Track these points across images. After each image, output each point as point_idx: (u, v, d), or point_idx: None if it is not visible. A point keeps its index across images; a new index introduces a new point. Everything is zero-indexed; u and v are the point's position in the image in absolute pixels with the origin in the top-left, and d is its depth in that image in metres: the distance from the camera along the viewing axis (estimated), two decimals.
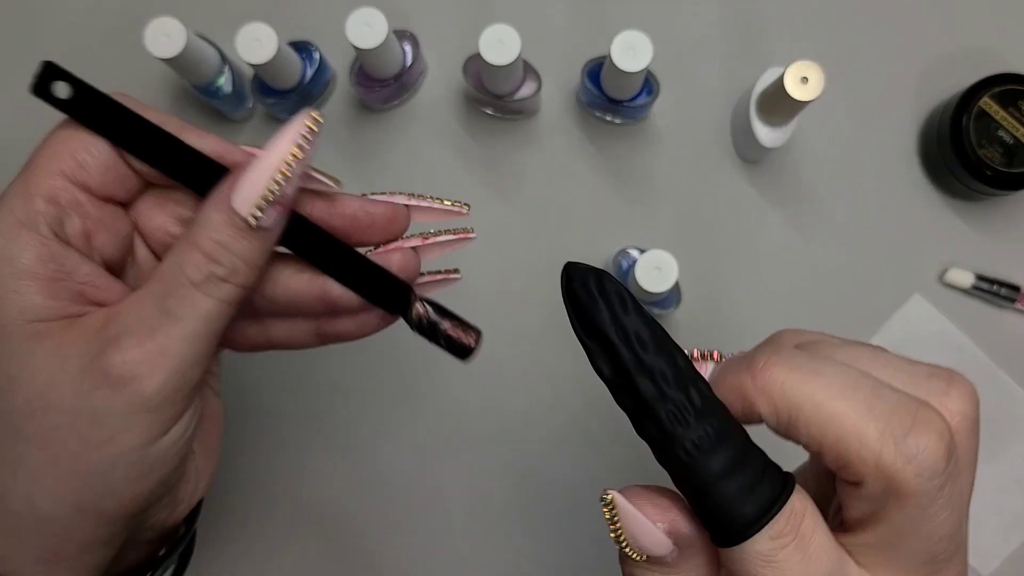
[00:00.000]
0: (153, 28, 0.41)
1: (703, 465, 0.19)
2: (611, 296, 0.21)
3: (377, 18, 0.42)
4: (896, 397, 0.20)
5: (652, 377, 0.20)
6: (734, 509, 0.19)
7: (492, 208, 0.50)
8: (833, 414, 0.20)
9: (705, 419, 0.20)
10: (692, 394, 0.20)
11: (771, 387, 0.21)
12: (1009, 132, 0.46)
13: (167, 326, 0.24)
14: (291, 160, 0.24)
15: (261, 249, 0.25)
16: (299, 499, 0.48)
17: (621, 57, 0.41)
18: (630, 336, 0.21)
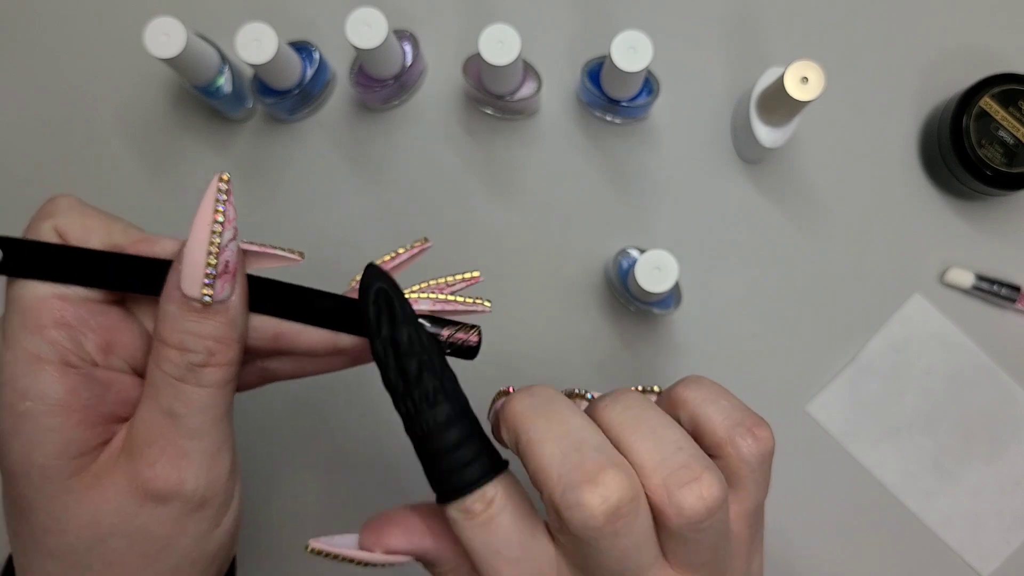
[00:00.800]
0: (153, 28, 0.41)
1: (431, 440, 0.24)
2: (385, 310, 0.25)
3: (377, 18, 0.42)
4: (592, 455, 0.23)
5: (406, 372, 0.24)
6: (439, 480, 0.24)
7: (492, 208, 0.50)
8: (534, 453, 0.24)
9: (424, 418, 0.24)
10: (421, 401, 0.24)
11: (508, 416, 0.25)
12: (1009, 132, 0.46)
13: (174, 428, 0.24)
14: (216, 227, 0.24)
15: (227, 323, 0.25)
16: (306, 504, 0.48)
17: (621, 57, 0.41)
18: (397, 344, 0.25)
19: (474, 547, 0.24)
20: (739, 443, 0.24)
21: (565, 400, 0.25)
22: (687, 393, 0.26)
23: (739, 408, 0.25)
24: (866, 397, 0.49)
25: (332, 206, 0.50)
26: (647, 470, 0.23)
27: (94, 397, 0.25)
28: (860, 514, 0.49)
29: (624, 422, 0.25)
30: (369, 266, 0.25)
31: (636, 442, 0.24)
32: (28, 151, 0.50)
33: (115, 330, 0.26)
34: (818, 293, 0.49)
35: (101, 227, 0.26)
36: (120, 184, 0.50)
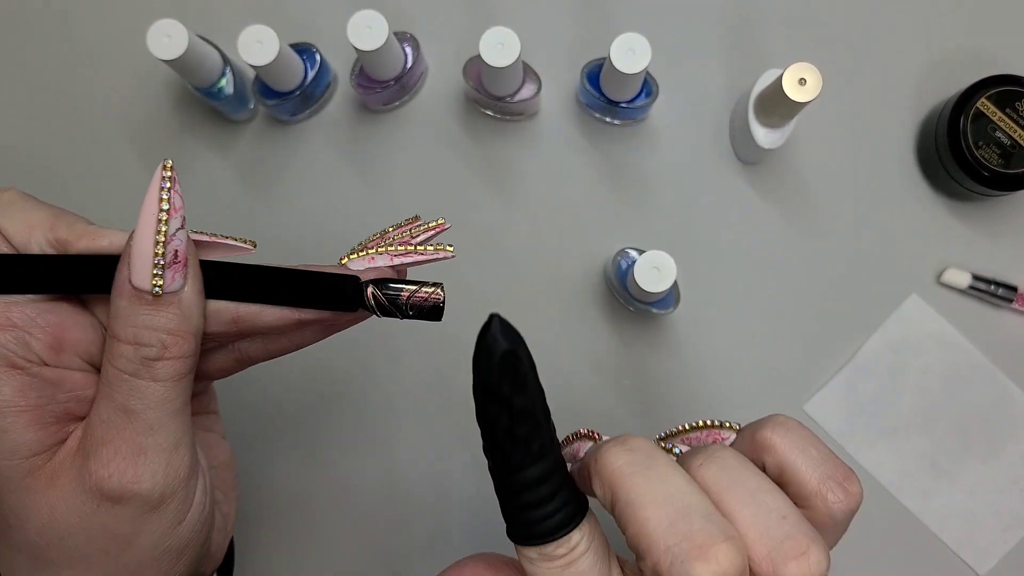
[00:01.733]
0: (155, 30, 0.41)
1: (512, 496, 0.24)
2: (511, 371, 0.24)
3: (378, 20, 0.42)
4: (701, 524, 0.22)
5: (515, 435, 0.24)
6: (522, 525, 0.24)
7: (492, 209, 0.50)
8: (637, 516, 0.22)
9: (529, 470, 0.24)
10: (528, 454, 0.24)
11: (603, 471, 0.24)
12: (1006, 133, 0.46)
13: (130, 425, 0.24)
14: (162, 215, 0.23)
15: (180, 314, 0.24)
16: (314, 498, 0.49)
17: (620, 59, 0.42)
18: (508, 401, 0.24)
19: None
20: (829, 498, 0.24)
21: (667, 458, 0.24)
22: (775, 438, 0.24)
23: (830, 459, 0.24)
24: (863, 397, 0.49)
25: (333, 207, 0.50)
26: (751, 540, 0.22)
27: (44, 397, 0.24)
28: (858, 513, 0.49)
29: (722, 484, 0.23)
30: (494, 319, 0.24)
31: (738, 508, 0.23)
32: (30, 152, 0.50)
33: (66, 327, 0.25)
34: (816, 293, 0.49)
35: (44, 222, 0.25)
36: (121, 185, 0.50)
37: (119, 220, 0.50)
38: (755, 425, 0.25)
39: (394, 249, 0.27)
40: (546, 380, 0.25)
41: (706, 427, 0.27)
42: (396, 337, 0.49)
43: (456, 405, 0.48)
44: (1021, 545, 0.48)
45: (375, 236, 0.28)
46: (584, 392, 0.49)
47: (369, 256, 0.27)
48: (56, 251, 0.25)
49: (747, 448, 0.25)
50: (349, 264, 0.27)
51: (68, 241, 0.25)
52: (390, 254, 0.27)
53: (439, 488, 0.48)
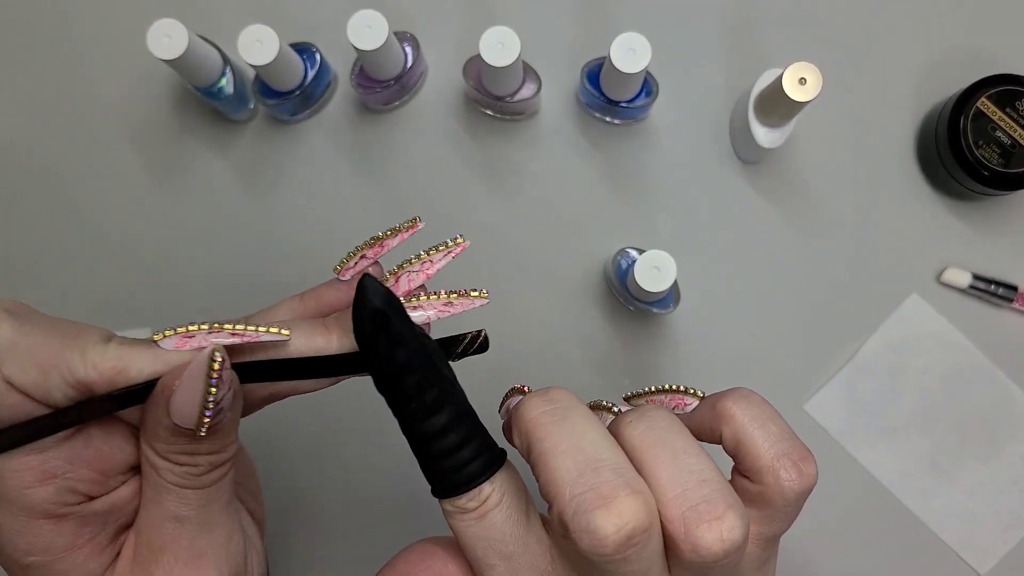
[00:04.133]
0: (155, 29, 0.41)
1: (430, 444, 0.24)
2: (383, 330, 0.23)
3: (378, 20, 0.42)
4: (609, 476, 0.22)
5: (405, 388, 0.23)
6: (436, 478, 0.24)
7: (492, 208, 0.50)
8: (547, 465, 0.23)
9: (423, 423, 0.23)
10: (420, 410, 0.24)
11: (521, 420, 0.24)
12: (1006, 132, 0.46)
13: (185, 530, 0.24)
14: (209, 397, 0.22)
15: (223, 436, 0.24)
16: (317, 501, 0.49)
17: (620, 58, 0.42)
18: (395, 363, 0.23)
19: (467, 542, 0.24)
20: (781, 475, 0.23)
21: (585, 410, 0.24)
22: (735, 408, 0.24)
23: (787, 436, 0.24)
24: (864, 396, 0.49)
25: (333, 207, 0.50)
26: (666, 498, 0.22)
27: (96, 528, 0.24)
28: (858, 513, 0.49)
29: (647, 442, 0.23)
30: (364, 280, 0.23)
31: (657, 466, 0.23)
32: (30, 151, 0.50)
33: (103, 455, 0.24)
34: (816, 293, 0.49)
35: (56, 359, 0.22)
36: (121, 184, 0.50)
37: (119, 220, 0.50)
38: (717, 395, 0.25)
39: (427, 302, 0.25)
40: (545, 379, 0.25)
41: (671, 391, 0.27)
42: None
43: None
44: (1021, 545, 0.48)
45: (370, 243, 0.26)
46: (584, 392, 0.48)
47: (413, 307, 0.25)
48: (80, 394, 0.23)
49: (706, 416, 0.25)
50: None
51: (89, 382, 0.22)
52: (424, 308, 0.25)
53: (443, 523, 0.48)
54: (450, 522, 0.24)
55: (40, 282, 0.50)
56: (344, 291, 0.27)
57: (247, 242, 0.50)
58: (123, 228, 0.50)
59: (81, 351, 0.22)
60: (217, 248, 0.50)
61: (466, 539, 0.24)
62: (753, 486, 0.24)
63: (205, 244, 0.50)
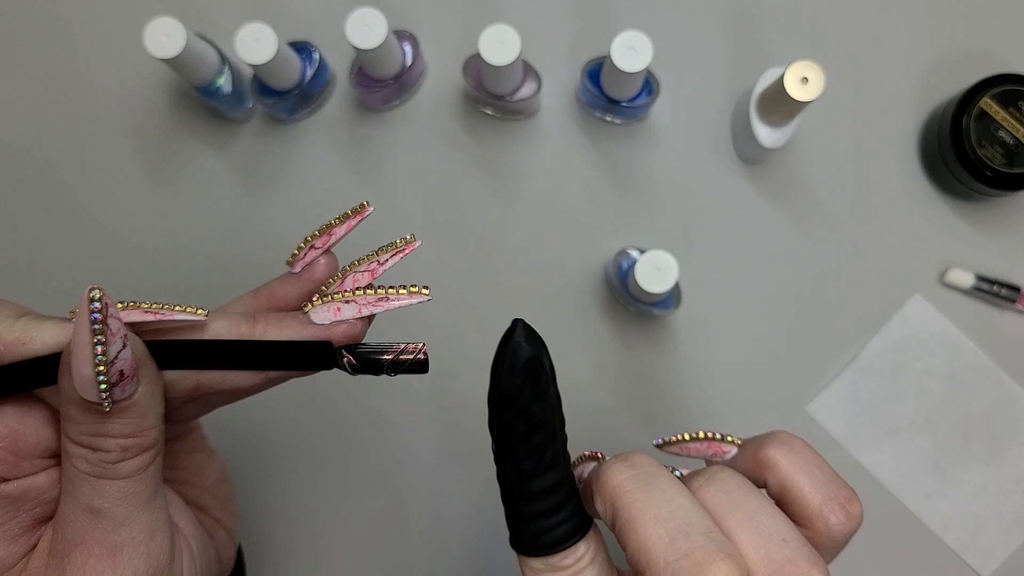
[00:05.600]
0: (152, 28, 0.41)
1: (521, 505, 0.24)
2: (533, 379, 0.24)
3: (377, 18, 0.42)
4: (701, 542, 0.21)
5: (530, 442, 0.23)
6: (529, 535, 0.24)
7: (492, 208, 0.50)
8: (637, 532, 0.22)
9: (541, 479, 0.24)
10: (540, 463, 0.24)
11: (604, 488, 0.24)
12: (1009, 132, 0.46)
13: (100, 524, 0.23)
14: (98, 348, 0.21)
15: (137, 416, 0.23)
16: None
17: (621, 57, 0.41)
18: (527, 409, 0.23)
19: None
20: (830, 520, 0.24)
21: (668, 474, 0.24)
22: (779, 457, 0.24)
23: (833, 480, 0.24)
24: (866, 398, 0.49)
25: (331, 206, 0.50)
26: (752, 563, 0.22)
27: (9, 513, 0.23)
28: None
29: (722, 506, 0.23)
30: (518, 323, 0.23)
31: (738, 531, 0.23)
32: (28, 150, 0.50)
33: (17, 435, 0.23)
34: (818, 293, 0.49)
35: None
36: (119, 184, 0.50)
37: (117, 220, 0.50)
38: (758, 441, 0.25)
39: (362, 296, 0.24)
40: None
41: (707, 439, 0.27)
42: None
43: (456, 423, 0.48)
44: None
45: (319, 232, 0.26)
46: (584, 393, 0.48)
47: (335, 306, 0.24)
48: None
49: (749, 465, 0.25)
50: (312, 315, 0.24)
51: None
52: (358, 303, 0.24)
53: (438, 511, 0.48)
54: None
55: (37, 281, 0.49)
56: (296, 285, 0.27)
57: (246, 241, 0.49)
58: (121, 227, 0.50)
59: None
60: (215, 247, 0.49)
61: None
62: (803, 531, 0.24)
63: (203, 243, 0.49)
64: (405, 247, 0.25)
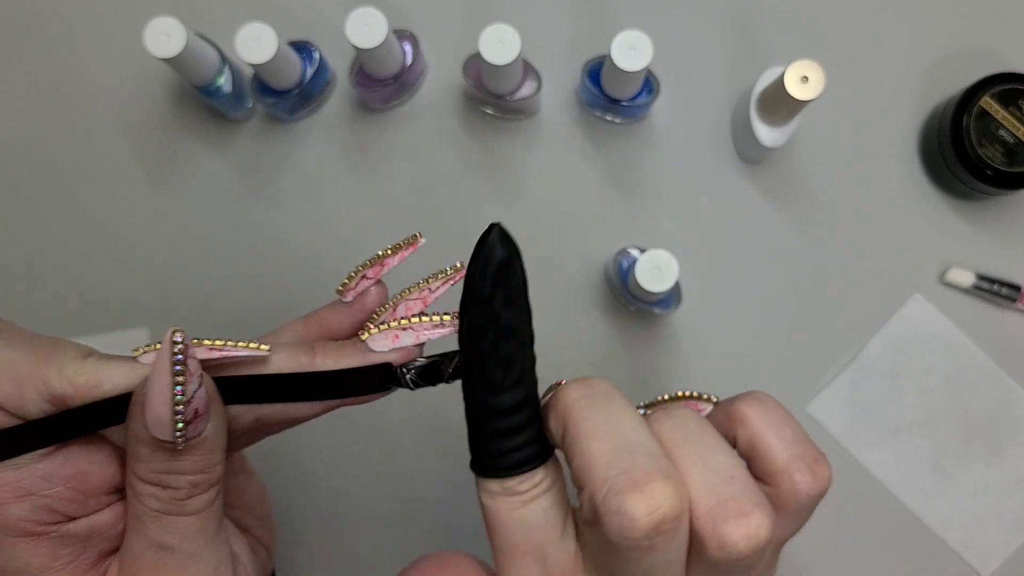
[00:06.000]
0: (152, 27, 0.41)
1: (486, 421, 0.24)
2: (505, 283, 0.23)
3: (377, 18, 0.42)
4: (643, 461, 0.22)
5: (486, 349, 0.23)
6: (489, 455, 0.24)
7: (492, 208, 0.50)
8: (581, 448, 0.22)
9: (506, 395, 0.23)
10: (507, 377, 0.23)
11: (557, 405, 0.24)
12: (1010, 131, 0.46)
13: (168, 559, 0.23)
14: (177, 387, 0.21)
15: (206, 454, 0.23)
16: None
17: (621, 57, 0.41)
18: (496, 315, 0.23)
19: (504, 527, 0.24)
20: (796, 478, 0.23)
21: (623, 398, 0.24)
22: (749, 412, 0.24)
23: (802, 440, 0.24)
24: (866, 397, 0.49)
25: (332, 206, 0.50)
26: (695, 495, 0.22)
27: (76, 551, 0.24)
28: (860, 514, 0.48)
29: (674, 440, 0.23)
30: (495, 227, 0.23)
31: (686, 463, 0.23)
32: (27, 150, 0.50)
33: (84, 475, 0.24)
34: (818, 293, 0.49)
35: (32, 374, 0.23)
36: (118, 184, 0.50)
37: (117, 220, 0.50)
38: (731, 399, 0.25)
39: (419, 323, 0.25)
40: (545, 381, 0.25)
41: (684, 398, 0.27)
42: None
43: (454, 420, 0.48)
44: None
45: (371, 262, 0.26)
46: None
47: (393, 334, 0.25)
48: (55, 407, 0.23)
49: (721, 419, 0.25)
50: (371, 342, 0.25)
51: (65, 396, 0.23)
52: (415, 330, 0.25)
53: (448, 516, 0.48)
54: (489, 503, 0.24)
55: (37, 282, 0.49)
56: (347, 314, 0.27)
57: (245, 241, 0.49)
58: (121, 227, 0.50)
59: (58, 366, 0.23)
60: (215, 247, 0.49)
61: (503, 523, 0.24)
62: (767, 489, 0.24)
63: (203, 243, 0.49)
64: (454, 275, 0.26)
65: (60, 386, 0.22)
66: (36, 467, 0.23)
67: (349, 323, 0.27)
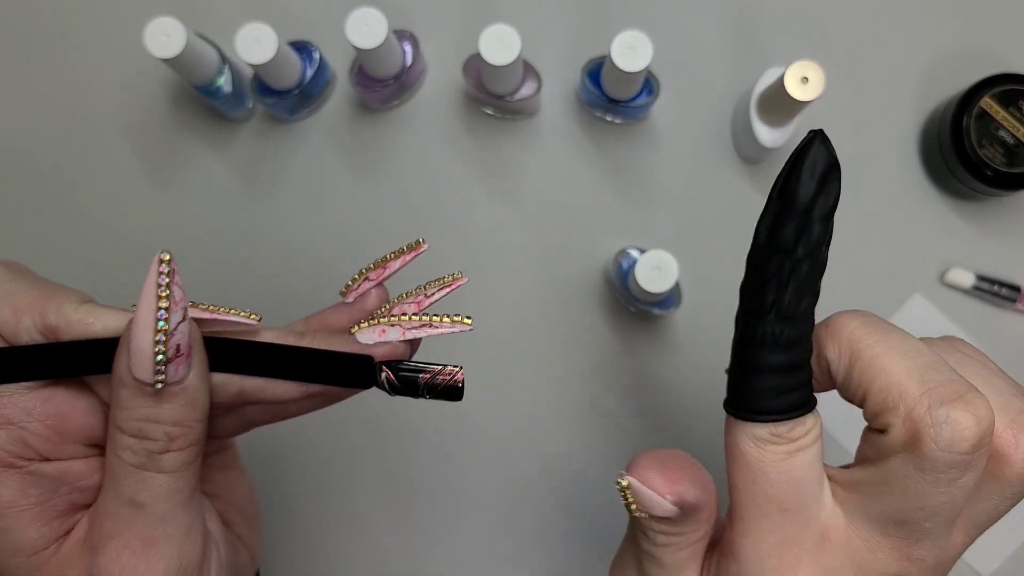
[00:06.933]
0: (153, 28, 0.41)
1: (766, 353, 0.22)
2: (827, 191, 0.21)
3: (377, 18, 0.42)
4: (952, 375, 0.21)
5: (788, 266, 0.22)
6: (761, 395, 0.22)
7: (492, 208, 0.50)
8: (885, 367, 0.21)
9: (795, 325, 0.22)
10: (803, 302, 0.22)
11: (840, 333, 0.23)
12: (1010, 132, 0.46)
13: (139, 517, 0.23)
14: (161, 313, 0.22)
15: (186, 404, 0.23)
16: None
17: (621, 57, 0.41)
18: (810, 226, 0.21)
19: (763, 477, 0.22)
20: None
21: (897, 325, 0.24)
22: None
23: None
24: None
25: (332, 206, 0.50)
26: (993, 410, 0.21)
27: (45, 493, 0.24)
28: None
29: (954, 359, 0.23)
30: (819, 132, 0.21)
31: (975, 380, 0.22)
32: (27, 151, 0.50)
33: (65, 416, 0.24)
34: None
35: (33, 306, 0.24)
36: (119, 184, 0.50)
37: (117, 220, 0.50)
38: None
39: (407, 320, 0.25)
40: (545, 382, 0.24)
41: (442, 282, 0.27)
42: None
43: (453, 420, 0.48)
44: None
45: (374, 265, 0.27)
46: (584, 393, 0.48)
47: (380, 327, 0.26)
48: (47, 339, 0.24)
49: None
50: (359, 335, 0.26)
51: (58, 328, 0.23)
52: (402, 327, 0.26)
53: (453, 524, 0.48)
54: (750, 450, 0.22)
55: None
56: (346, 314, 0.27)
57: (245, 241, 0.49)
58: (121, 227, 0.50)
59: (58, 303, 0.24)
60: (215, 247, 0.49)
61: (765, 474, 0.22)
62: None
63: (203, 243, 0.49)
64: (453, 283, 0.26)
65: (55, 319, 0.23)
66: (18, 398, 0.23)
67: (348, 324, 0.27)
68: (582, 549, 0.48)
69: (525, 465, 0.48)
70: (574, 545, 0.48)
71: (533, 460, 0.48)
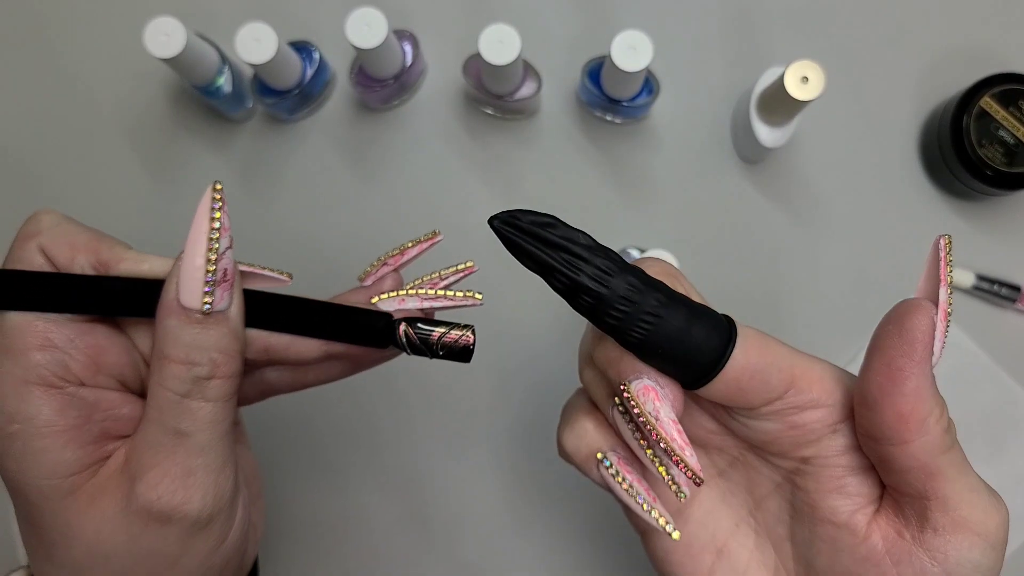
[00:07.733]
0: (153, 28, 0.41)
1: (667, 324, 0.24)
2: (530, 228, 0.26)
3: (377, 18, 0.42)
4: None
5: (595, 274, 0.25)
6: (701, 354, 0.24)
7: (492, 208, 0.49)
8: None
9: (649, 292, 0.24)
10: (628, 277, 0.24)
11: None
12: (1010, 132, 0.46)
13: (181, 447, 0.24)
14: (213, 234, 0.24)
15: (229, 332, 0.25)
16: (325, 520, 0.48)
17: (621, 57, 0.41)
18: (566, 248, 0.26)
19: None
20: None
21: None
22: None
23: None
24: None
25: (332, 206, 0.50)
26: None
27: (82, 416, 0.25)
28: None
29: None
30: (491, 221, 0.27)
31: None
32: (27, 151, 0.50)
33: (102, 349, 0.25)
34: (818, 293, 0.49)
35: (87, 244, 0.25)
36: (119, 184, 0.50)
37: (117, 220, 0.50)
38: None
39: (424, 292, 0.28)
40: (546, 383, 0.25)
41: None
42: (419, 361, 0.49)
43: (453, 414, 0.48)
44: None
45: (394, 252, 0.29)
46: None
47: (400, 298, 0.28)
48: (98, 273, 0.25)
49: None
50: (380, 304, 0.28)
51: (110, 263, 0.25)
52: (420, 297, 0.28)
53: (457, 518, 0.48)
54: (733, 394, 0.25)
55: None
56: (363, 295, 0.29)
57: (245, 241, 0.49)
58: (120, 227, 0.49)
59: (109, 244, 0.26)
60: None
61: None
62: None
63: None
64: (466, 269, 0.30)
65: (107, 257, 0.25)
66: (63, 326, 0.24)
67: (364, 302, 0.29)
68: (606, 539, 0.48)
69: (538, 465, 0.48)
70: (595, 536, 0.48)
71: (545, 460, 0.48)
